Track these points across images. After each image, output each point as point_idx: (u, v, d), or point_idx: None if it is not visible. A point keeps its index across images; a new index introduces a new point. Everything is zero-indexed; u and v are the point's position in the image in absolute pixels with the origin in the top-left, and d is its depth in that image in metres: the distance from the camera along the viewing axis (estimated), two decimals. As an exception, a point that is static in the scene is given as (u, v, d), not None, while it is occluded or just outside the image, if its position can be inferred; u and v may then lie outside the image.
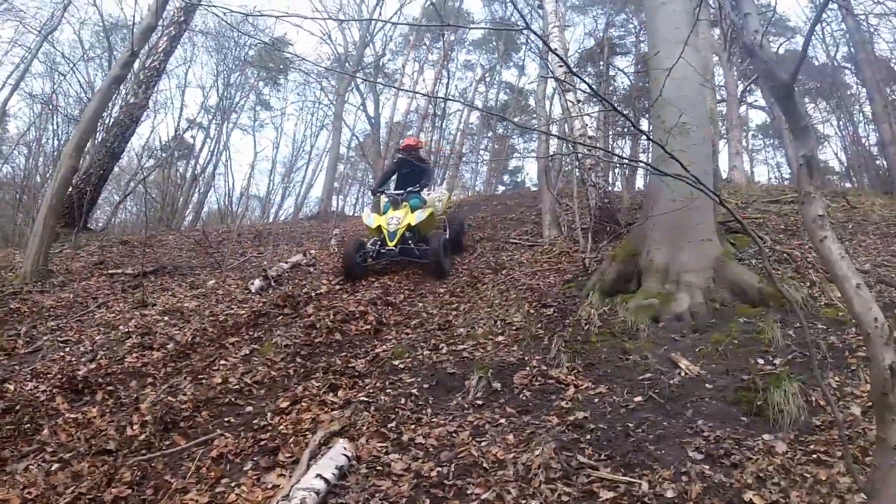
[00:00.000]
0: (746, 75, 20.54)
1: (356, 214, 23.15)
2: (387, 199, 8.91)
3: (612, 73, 23.50)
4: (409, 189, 8.82)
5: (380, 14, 22.15)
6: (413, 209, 8.47)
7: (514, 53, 28.17)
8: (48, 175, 22.90)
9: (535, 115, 27.37)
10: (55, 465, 3.61)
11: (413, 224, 8.26)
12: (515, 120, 25.19)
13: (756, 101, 24.28)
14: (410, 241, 8.25)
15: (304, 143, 32.14)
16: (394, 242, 8.06)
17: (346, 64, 22.05)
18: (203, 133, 27.37)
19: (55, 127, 22.42)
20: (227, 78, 26.33)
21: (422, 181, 9.10)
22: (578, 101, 10.05)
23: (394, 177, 9.81)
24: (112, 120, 13.89)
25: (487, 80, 28.76)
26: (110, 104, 12.59)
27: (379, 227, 8.36)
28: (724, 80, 17.35)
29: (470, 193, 24.73)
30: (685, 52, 4.16)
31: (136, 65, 12.31)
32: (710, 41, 7.03)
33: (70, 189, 10.30)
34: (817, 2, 14.47)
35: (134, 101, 13.35)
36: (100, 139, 13.50)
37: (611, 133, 21.36)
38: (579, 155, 9.29)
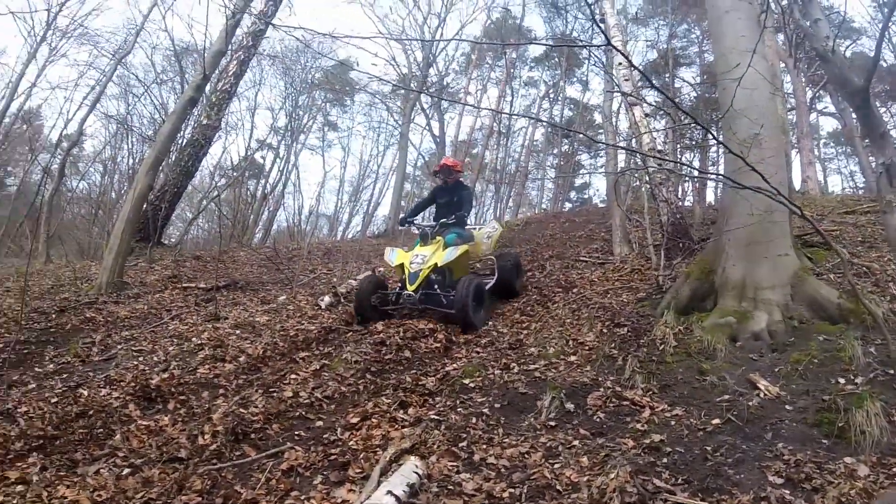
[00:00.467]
0: (814, 81, 19.76)
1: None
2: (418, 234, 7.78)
3: (677, 84, 23.12)
4: (442, 221, 7.61)
5: (441, 34, 22.43)
6: (447, 246, 7.23)
7: (577, 69, 28.02)
8: (123, 192, 24.19)
9: (600, 132, 27.22)
10: (126, 470, 3.69)
11: (440, 264, 7.03)
12: (583, 133, 24.93)
13: (826, 107, 23.36)
14: (437, 286, 7.05)
15: (371, 163, 32.87)
16: (414, 286, 6.83)
17: (411, 84, 22.44)
18: (273, 153, 28.39)
19: (130, 146, 23.79)
20: (294, 100, 27.27)
21: (459, 212, 7.69)
22: (646, 116, 9.90)
23: (432, 207, 8.73)
24: (186, 140, 14.50)
25: (551, 96, 28.72)
26: (184, 125, 13.07)
27: (402, 265, 7.20)
28: (792, 87, 16.78)
29: (536, 211, 24.59)
30: (753, 60, 4.07)
31: (208, 88, 12.78)
32: (776, 48, 6.81)
33: (145, 205, 10.72)
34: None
35: (207, 123, 13.94)
36: (174, 158, 14.11)
37: (678, 147, 20.94)
38: (650, 170, 9.12)
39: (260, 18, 13.26)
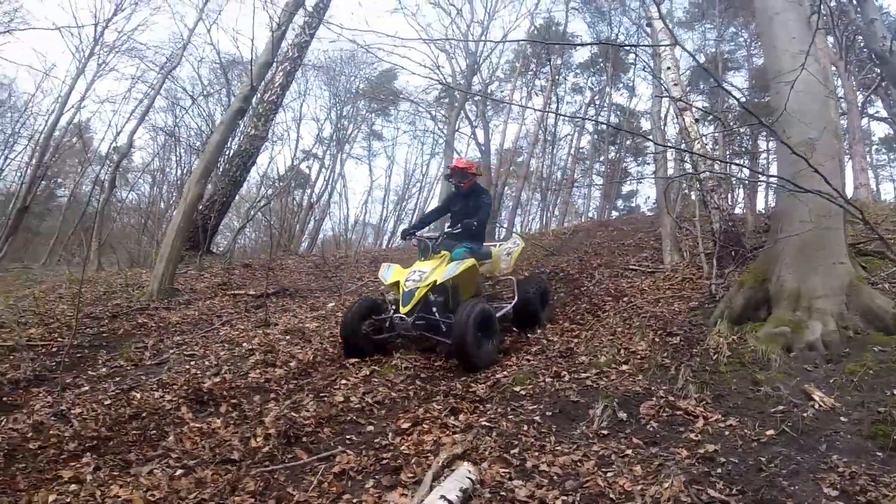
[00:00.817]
0: (866, 85, 19.15)
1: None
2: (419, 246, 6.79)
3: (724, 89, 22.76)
4: (446, 231, 6.78)
5: (485, 42, 22.52)
6: (454, 261, 6.29)
7: (622, 74, 27.80)
8: (171, 202, 25.01)
9: (648, 137, 26.93)
10: (179, 471, 3.76)
11: (440, 282, 6.06)
12: (636, 133, 24.67)
13: (878, 111, 22.53)
14: (436, 309, 6.10)
15: (416, 171, 33.18)
16: (406, 308, 5.90)
17: (455, 93, 22.58)
18: (318, 163, 28.92)
19: (178, 157, 24.53)
20: (339, 110, 27.76)
21: (473, 220, 6.69)
22: (697, 121, 9.79)
23: (448, 216, 7.62)
24: (234, 150, 14.88)
25: (597, 102, 28.53)
26: (232, 135, 13.46)
27: (398, 283, 6.24)
28: (843, 90, 16.31)
29: (583, 220, 24.44)
30: (806, 62, 4.04)
31: (255, 99, 13.09)
32: (826, 51, 6.66)
33: (195, 214, 11.00)
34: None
35: (254, 133, 14.31)
36: (223, 168, 14.45)
37: (728, 153, 20.64)
38: (701, 176, 9.00)
39: (313, 16, 13.56)
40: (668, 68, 9.67)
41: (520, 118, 27.10)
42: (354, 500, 3.39)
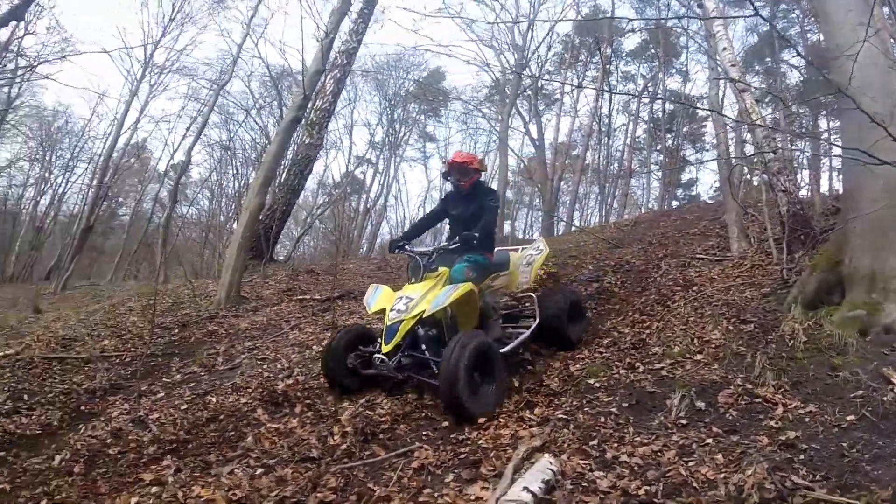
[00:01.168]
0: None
1: (526, 238, 23.30)
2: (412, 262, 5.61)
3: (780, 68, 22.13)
4: (441, 247, 5.59)
5: (531, 36, 22.38)
6: (454, 280, 5.23)
7: (674, 59, 27.17)
8: (230, 214, 25.77)
9: (704, 124, 26.32)
10: (259, 470, 3.89)
11: (428, 314, 4.95)
12: (698, 106, 24.09)
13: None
14: (426, 346, 5.07)
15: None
16: (389, 347, 4.84)
17: (505, 90, 22.57)
18: (372, 168, 29.33)
19: (234, 170, 25.22)
20: (390, 114, 28.12)
21: (473, 232, 5.52)
22: (757, 102, 9.58)
23: (447, 223, 6.54)
24: (290, 159, 15.22)
25: (650, 89, 28.00)
26: (288, 145, 13.64)
27: (385, 311, 5.15)
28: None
29: (643, 211, 24.07)
30: (867, 34, 3.98)
31: (308, 107, 13.28)
32: (884, 22, 6.42)
33: (257, 224, 11.29)
34: None
35: (310, 142, 14.63)
36: (282, 178, 14.82)
37: (788, 137, 20.06)
38: (766, 158, 8.79)
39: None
40: (724, 49, 9.46)
41: (572, 111, 26.89)
42: (435, 494, 3.43)
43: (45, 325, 9.32)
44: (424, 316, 4.94)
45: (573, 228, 11.37)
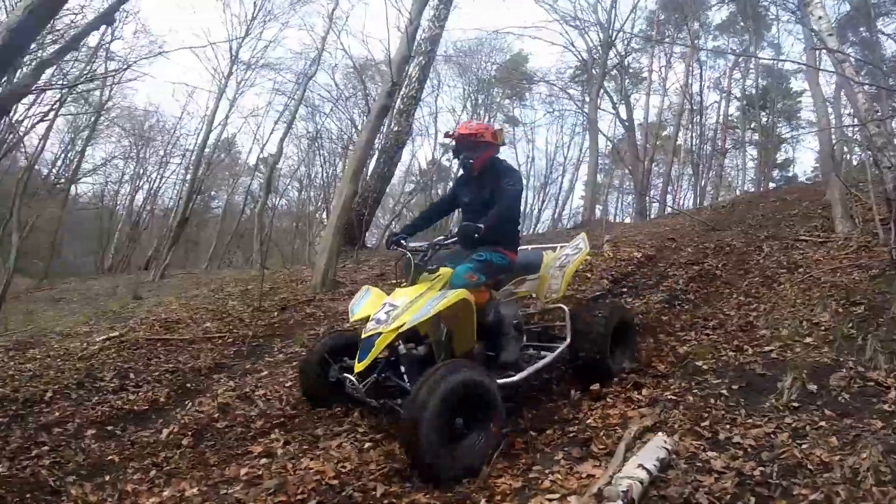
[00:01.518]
0: None
1: (621, 221, 22.94)
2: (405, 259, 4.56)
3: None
4: (436, 242, 4.51)
5: (614, 13, 21.90)
6: (453, 285, 4.14)
7: (765, 32, 25.99)
8: (319, 204, 26.55)
9: (799, 100, 25.14)
10: (367, 444, 3.99)
11: (408, 327, 3.91)
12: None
13: None
14: (406, 369, 4.11)
15: (557, 154, 33.04)
16: (362, 364, 3.88)
17: (593, 70, 22.25)
18: (458, 154, 29.58)
19: (322, 161, 26.04)
20: (474, 99, 28.19)
21: (476, 223, 4.32)
22: (859, 73, 9.12)
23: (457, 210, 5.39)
24: (379, 148, 15.51)
25: (741, 64, 26.92)
26: (377, 134, 13.85)
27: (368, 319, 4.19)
28: None
29: (738, 192, 23.27)
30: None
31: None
32: None
33: (350, 211, 11.60)
34: None
35: (398, 129, 14.93)
36: (371, 166, 15.14)
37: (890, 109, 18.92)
38: (870, 132, 8.36)
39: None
40: (820, 17, 9.03)
41: (661, 89, 26.23)
42: (546, 471, 3.48)
43: (147, 309, 9.97)
44: (403, 330, 3.90)
45: (668, 211, 10.99)
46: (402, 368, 4.11)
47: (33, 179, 20.81)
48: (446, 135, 5.05)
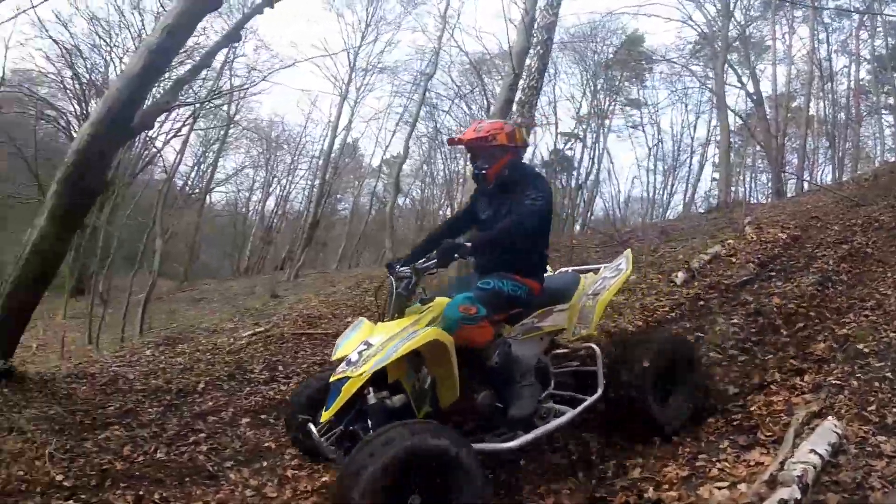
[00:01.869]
0: None
1: (759, 202, 21.89)
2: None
3: None
4: (421, 265, 3.54)
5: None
6: (447, 319, 3.38)
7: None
8: (442, 202, 27.71)
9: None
10: None
11: (368, 374, 3.11)
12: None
13: None
14: (373, 421, 3.25)
15: (684, 135, 31.98)
16: (328, 413, 3.18)
17: (716, 45, 21.39)
18: (580, 143, 29.32)
19: (444, 159, 26.70)
20: (593, 85, 27.84)
21: (462, 240, 3.64)
22: None
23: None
24: None
25: (867, 24, 24.90)
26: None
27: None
28: None
29: (878, 163, 21.66)
30: None
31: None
32: None
33: None
34: None
35: (521, 121, 15.11)
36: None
37: None
38: None
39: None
40: None
41: (787, 58, 24.78)
42: (713, 459, 3.47)
43: (288, 306, 10.58)
44: (366, 376, 3.13)
45: (806, 188, 10.34)
46: (370, 420, 3.29)
47: (171, 190, 22.65)
48: (450, 142, 4.30)
